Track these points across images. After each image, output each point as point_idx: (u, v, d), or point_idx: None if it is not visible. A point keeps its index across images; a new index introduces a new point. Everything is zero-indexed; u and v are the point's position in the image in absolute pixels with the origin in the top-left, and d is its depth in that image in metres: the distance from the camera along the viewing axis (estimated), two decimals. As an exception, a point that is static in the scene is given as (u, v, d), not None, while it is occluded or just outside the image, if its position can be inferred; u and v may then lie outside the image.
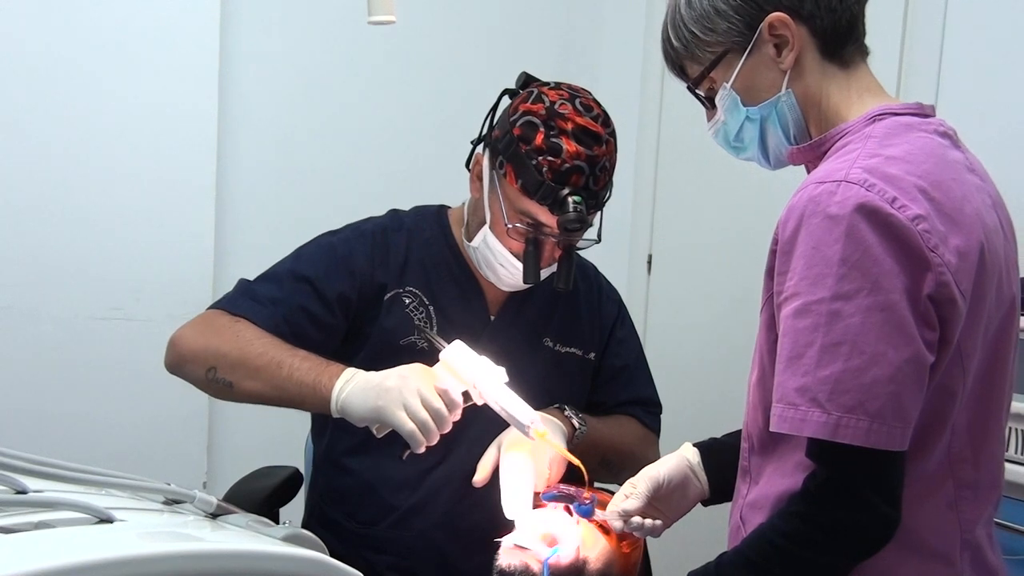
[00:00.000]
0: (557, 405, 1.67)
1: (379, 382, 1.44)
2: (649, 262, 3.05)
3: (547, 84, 1.63)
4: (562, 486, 1.45)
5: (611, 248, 3.08)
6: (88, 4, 2.26)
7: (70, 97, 2.25)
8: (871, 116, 1.21)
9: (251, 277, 1.70)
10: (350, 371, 1.48)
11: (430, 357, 1.63)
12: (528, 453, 1.51)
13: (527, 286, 1.64)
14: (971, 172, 1.22)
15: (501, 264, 1.64)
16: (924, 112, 1.25)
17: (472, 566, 1.62)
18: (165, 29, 2.34)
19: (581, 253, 1.83)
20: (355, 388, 1.45)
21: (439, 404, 1.41)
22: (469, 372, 1.44)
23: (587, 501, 1.41)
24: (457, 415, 1.44)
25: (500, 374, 1.45)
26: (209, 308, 1.67)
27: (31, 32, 2.20)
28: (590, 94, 1.62)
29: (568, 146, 1.53)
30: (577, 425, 1.64)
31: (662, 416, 1.85)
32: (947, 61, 2.27)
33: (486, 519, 1.53)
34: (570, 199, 1.52)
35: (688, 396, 2.80)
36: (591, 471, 1.72)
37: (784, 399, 1.11)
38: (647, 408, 1.83)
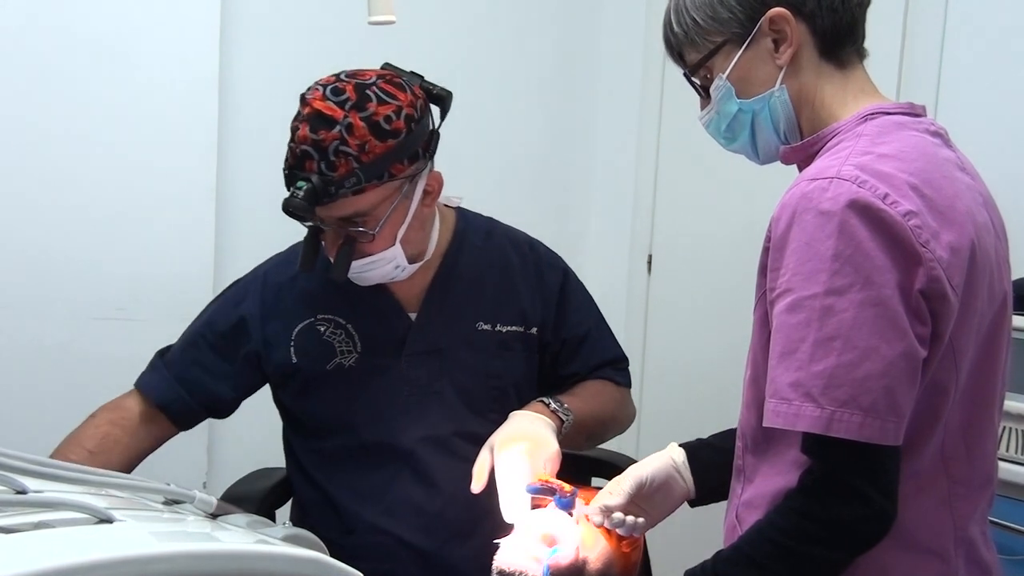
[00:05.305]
0: (539, 399, 1.65)
1: None
2: (649, 262, 3.05)
3: (366, 70, 1.58)
4: (543, 479, 1.45)
5: (611, 248, 3.10)
6: (88, 4, 2.26)
7: (70, 97, 2.25)
8: (863, 115, 1.22)
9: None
10: None
11: (359, 375, 1.63)
12: (524, 451, 1.49)
13: (343, 279, 1.58)
14: (962, 171, 1.23)
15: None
16: (915, 112, 1.26)
17: (455, 560, 1.62)
18: (165, 29, 2.34)
19: (519, 228, 1.81)
20: None
21: None
22: None
23: (568, 495, 1.40)
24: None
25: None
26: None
27: (31, 31, 2.20)
28: (373, 78, 1.54)
29: (301, 131, 1.52)
30: (564, 417, 1.63)
31: (661, 414, 1.86)
32: (947, 61, 2.27)
33: (462, 511, 1.54)
34: (295, 184, 1.50)
35: (688, 395, 2.80)
36: (578, 449, 1.71)
37: (777, 394, 1.12)
38: (616, 366, 1.82)
